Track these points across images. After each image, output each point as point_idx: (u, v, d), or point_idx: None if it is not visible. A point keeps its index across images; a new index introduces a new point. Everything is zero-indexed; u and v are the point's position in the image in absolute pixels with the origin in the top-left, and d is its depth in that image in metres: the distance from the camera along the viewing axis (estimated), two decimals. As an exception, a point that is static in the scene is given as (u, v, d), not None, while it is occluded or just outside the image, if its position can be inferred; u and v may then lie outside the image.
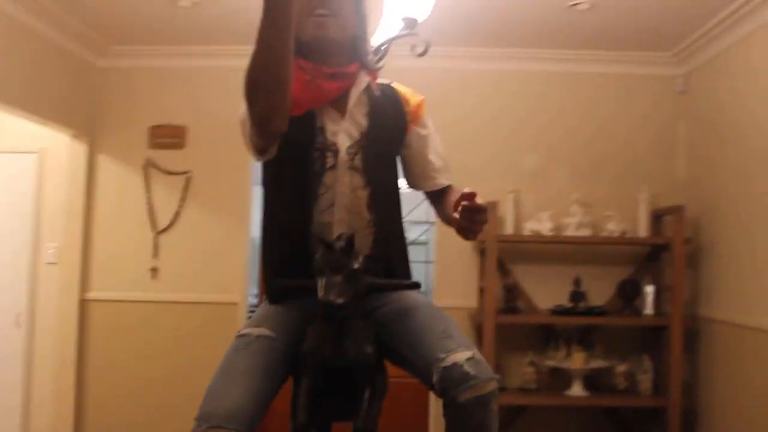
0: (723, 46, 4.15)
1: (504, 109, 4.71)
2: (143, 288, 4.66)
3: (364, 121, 1.86)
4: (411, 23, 2.87)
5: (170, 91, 4.80)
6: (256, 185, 4.81)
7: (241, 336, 1.79)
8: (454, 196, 1.74)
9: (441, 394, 1.64)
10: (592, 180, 4.61)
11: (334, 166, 1.82)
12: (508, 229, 4.46)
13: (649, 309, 4.32)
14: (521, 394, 4.38)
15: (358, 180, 1.84)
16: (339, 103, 1.84)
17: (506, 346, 4.48)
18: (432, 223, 4.85)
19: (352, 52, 1.85)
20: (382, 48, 2.94)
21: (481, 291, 4.48)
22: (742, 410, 3.78)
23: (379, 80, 1.93)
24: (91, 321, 4.70)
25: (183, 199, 4.71)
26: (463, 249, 4.54)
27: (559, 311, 4.37)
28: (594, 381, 4.37)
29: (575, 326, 4.44)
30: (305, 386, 1.73)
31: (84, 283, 4.71)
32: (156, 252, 4.68)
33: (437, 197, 1.98)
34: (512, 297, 4.47)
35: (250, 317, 5.26)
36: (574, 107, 4.72)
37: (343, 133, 1.83)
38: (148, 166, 4.73)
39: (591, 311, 4.36)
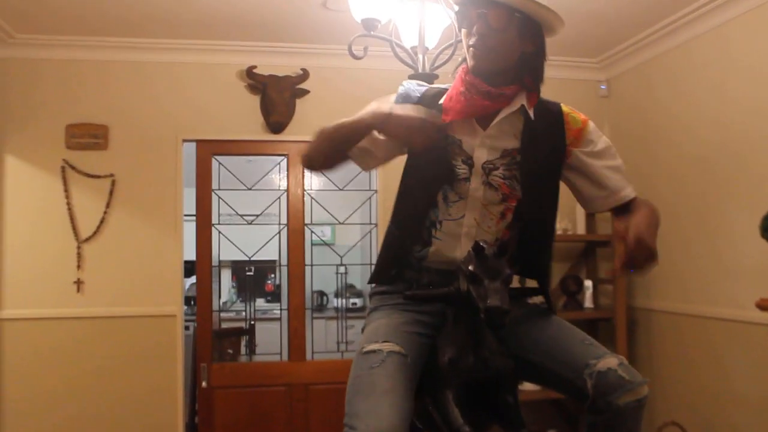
0: (644, 58, 4.45)
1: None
2: (67, 303, 4.20)
3: (512, 141, 1.82)
4: None
5: (88, 86, 4.35)
6: (187, 187, 4.51)
7: (369, 352, 1.74)
8: (638, 215, 1.76)
9: (595, 399, 1.67)
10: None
11: (467, 178, 1.81)
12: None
13: (588, 302, 4.52)
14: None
15: (492, 195, 1.81)
16: (485, 120, 1.82)
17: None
18: (375, 225, 4.78)
19: (515, 74, 1.81)
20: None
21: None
22: (682, 394, 4.06)
23: (547, 99, 1.89)
24: (6, 343, 4.17)
25: (108, 205, 4.30)
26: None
27: (506, 308, 4.45)
28: (542, 374, 4.50)
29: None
30: (449, 397, 1.70)
31: (-5, 300, 4.19)
32: (80, 263, 4.24)
33: (620, 213, 1.92)
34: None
35: (187, 328, 4.91)
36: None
37: (483, 148, 1.81)
38: (67, 168, 4.28)
39: (537, 307, 4.48)
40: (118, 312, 4.26)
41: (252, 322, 5.59)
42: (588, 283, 4.54)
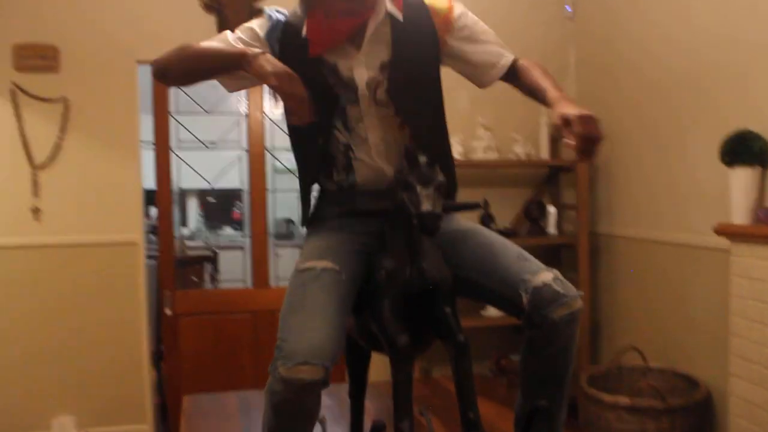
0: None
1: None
2: (24, 232, 4.10)
3: (385, 52, 1.77)
4: None
5: (37, 2, 4.14)
6: (144, 113, 4.38)
7: (304, 270, 1.75)
8: (534, 75, 1.77)
9: (530, 314, 1.68)
10: (495, 104, 4.67)
11: (355, 101, 1.78)
12: (421, 155, 4.43)
13: (552, 228, 4.55)
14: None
15: (385, 112, 1.79)
16: (356, 38, 1.76)
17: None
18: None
19: None
20: None
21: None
22: (642, 320, 4.15)
23: None
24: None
25: (63, 130, 4.15)
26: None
27: (470, 234, 4.47)
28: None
29: (485, 248, 4.57)
30: (388, 307, 1.70)
31: (-54, 229, 4.07)
32: (36, 190, 4.12)
33: (512, 78, 1.91)
34: (424, 222, 4.49)
35: (150, 256, 4.83)
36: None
37: (361, 67, 1.76)
38: (17, 91, 4.10)
39: (500, 233, 4.47)
40: (77, 240, 4.17)
41: (216, 251, 5.55)
42: (551, 209, 4.56)
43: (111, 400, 4.24)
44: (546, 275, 1.69)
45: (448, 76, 1.94)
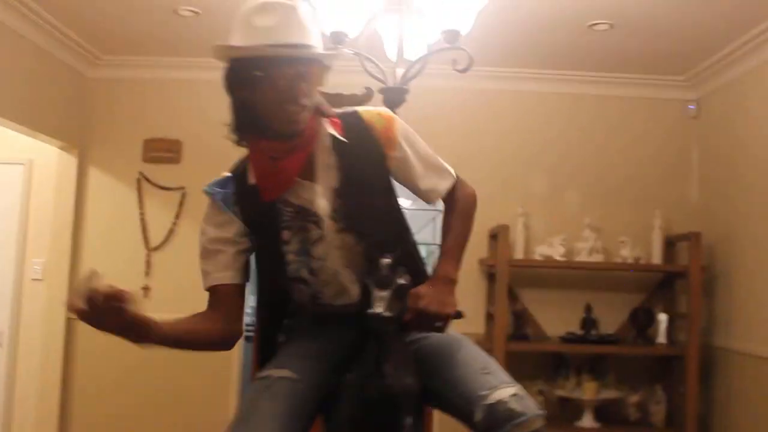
0: (736, 74, 4.10)
1: (516, 129, 4.57)
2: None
3: (334, 177, 1.70)
4: (452, 37, 2.69)
5: (165, 103, 4.60)
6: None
7: (260, 378, 1.70)
8: (447, 220, 1.79)
9: None
10: (605, 204, 4.48)
11: (321, 237, 1.71)
12: (518, 254, 4.30)
13: (662, 338, 4.19)
14: (530, 425, 4.21)
15: (350, 238, 1.72)
16: (306, 171, 1.69)
17: (514, 374, 4.27)
18: (437, 245, 4.67)
19: (308, 112, 1.65)
20: (415, 67, 2.79)
21: (489, 317, 4.33)
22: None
23: (343, 111, 1.76)
24: (77, 341, 4.47)
25: (178, 216, 4.49)
26: (470, 273, 4.39)
27: (569, 339, 4.23)
28: (605, 412, 4.22)
29: (586, 354, 4.29)
30: (345, 417, 1.65)
31: (71, 301, 4.47)
32: (148, 270, 4.46)
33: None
34: (521, 323, 4.32)
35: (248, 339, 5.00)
36: (587, 129, 4.59)
37: (321, 198, 1.70)
38: (142, 180, 4.51)
39: (603, 339, 4.22)
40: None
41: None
42: (662, 317, 4.21)
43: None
44: (504, 392, 1.56)
45: (537, 156, 1.89)
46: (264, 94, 1.59)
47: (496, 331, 4.08)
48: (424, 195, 1.84)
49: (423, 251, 2.07)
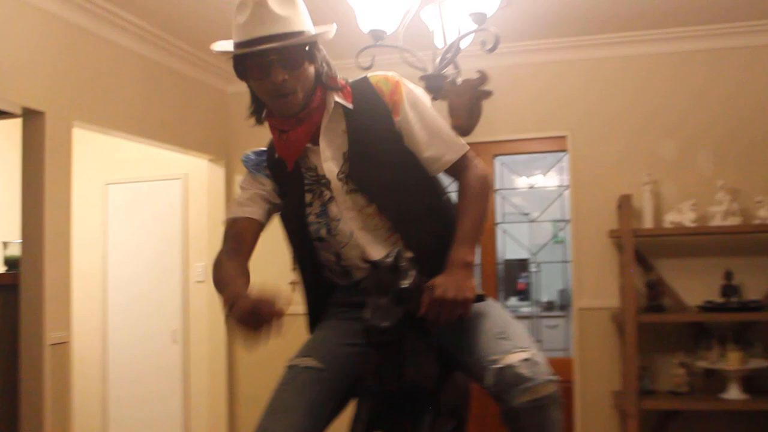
0: None
1: (635, 96, 4.44)
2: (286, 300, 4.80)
3: (343, 141, 1.79)
4: (480, 18, 2.76)
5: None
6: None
7: (289, 367, 1.79)
8: (461, 204, 1.78)
9: (495, 398, 1.58)
10: (739, 164, 4.24)
11: (332, 198, 1.80)
12: (647, 223, 4.19)
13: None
14: (672, 398, 4.10)
15: (360, 199, 1.79)
16: (315, 138, 1.80)
17: (652, 347, 4.22)
18: (567, 221, 4.65)
19: (314, 87, 1.77)
20: (451, 51, 2.91)
21: (623, 289, 4.25)
22: None
23: (354, 80, 1.86)
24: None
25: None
26: (600, 245, 4.36)
27: (709, 308, 4.05)
28: (753, 382, 4.00)
29: (729, 323, 4.10)
30: (363, 410, 1.69)
31: (230, 299, 4.94)
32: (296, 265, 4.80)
33: (456, 178, 1.87)
34: (656, 294, 4.19)
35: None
36: (713, 88, 4.35)
37: (327, 162, 1.79)
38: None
39: (746, 306, 4.00)
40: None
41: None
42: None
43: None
44: (514, 357, 1.57)
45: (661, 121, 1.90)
46: (253, 85, 1.77)
47: (625, 303, 4.01)
48: (427, 164, 1.83)
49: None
